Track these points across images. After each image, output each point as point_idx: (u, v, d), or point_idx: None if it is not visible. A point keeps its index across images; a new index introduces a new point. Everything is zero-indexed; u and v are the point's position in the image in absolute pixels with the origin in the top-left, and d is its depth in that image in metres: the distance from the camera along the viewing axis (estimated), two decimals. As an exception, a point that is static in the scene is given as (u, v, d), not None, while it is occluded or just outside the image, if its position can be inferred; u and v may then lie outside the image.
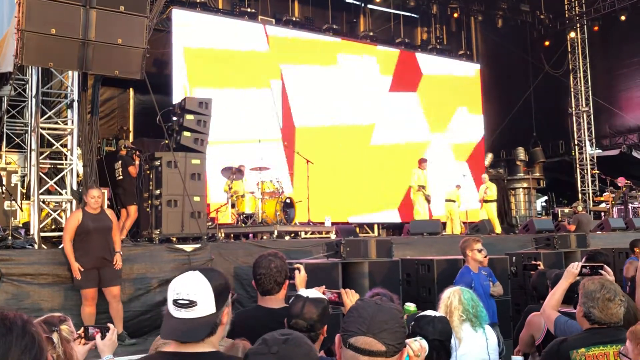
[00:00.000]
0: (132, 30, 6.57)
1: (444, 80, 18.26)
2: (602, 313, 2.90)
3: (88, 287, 6.08)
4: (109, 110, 14.66)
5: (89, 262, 6.07)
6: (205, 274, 1.94)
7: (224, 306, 1.96)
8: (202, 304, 1.89)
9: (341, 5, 18.22)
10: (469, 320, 3.37)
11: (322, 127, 15.64)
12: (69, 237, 6.10)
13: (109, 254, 6.23)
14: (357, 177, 15.74)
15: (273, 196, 10.27)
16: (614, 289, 2.97)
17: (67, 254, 6.08)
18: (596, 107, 19.99)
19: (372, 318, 1.71)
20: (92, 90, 8.16)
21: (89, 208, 6.26)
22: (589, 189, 19.67)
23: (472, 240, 5.86)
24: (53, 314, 2.50)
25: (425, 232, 10.20)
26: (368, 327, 1.69)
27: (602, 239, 10.65)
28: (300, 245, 8.21)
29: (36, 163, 7.31)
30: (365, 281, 6.18)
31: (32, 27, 6.01)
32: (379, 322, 1.71)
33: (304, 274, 3.30)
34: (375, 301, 1.81)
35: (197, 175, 7.80)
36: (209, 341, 1.93)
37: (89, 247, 6.12)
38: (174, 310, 1.90)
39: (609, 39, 19.44)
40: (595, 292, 2.95)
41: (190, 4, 14.85)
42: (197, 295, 1.88)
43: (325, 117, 15.73)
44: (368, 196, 15.81)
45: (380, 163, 16.28)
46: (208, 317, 1.90)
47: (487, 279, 5.81)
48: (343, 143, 15.82)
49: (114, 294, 6.20)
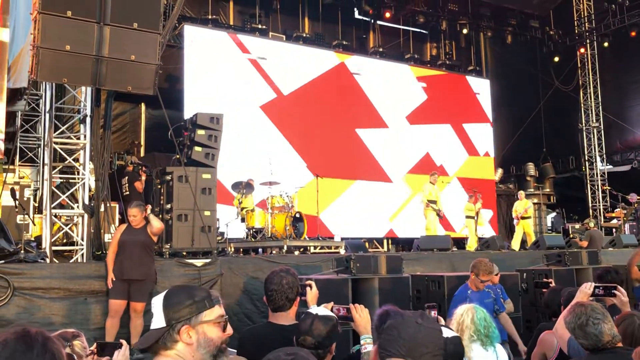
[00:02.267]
0: (145, 47, 6.65)
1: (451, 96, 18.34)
2: (588, 340, 2.89)
3: (114, 297, 6.21)
4: (121, 125, 14.79)
5: (120, 273, 6.26)
6: (172, 289, 2.00)
7: (180, 323, 1.90)
8: (155, 316, 1.94)
9: (351, 22, 18.36)
10: (479, 340, 3.35)
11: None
12: (112, 249, 6.39)
13: (141, 268, 6.35)
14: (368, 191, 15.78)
15: (282, 211, 10.29)
16: (585, 311, 2.95)
17: (107, 263, 6.35)
18: (606, 123, 19.91)
19: (412, 340, 1.64)
20: (105, 106, 8.25)
21: (132, 224, 6.52)
22: (600, 205, 19.53)
23: (494, 268, 5.79)
24: (67, 330, 2.51)
25: (435, 247, 10.15)
26: (408, 351, 1.62)
27: (614, 256, 10.54)
28: (309, 260, 8.20)
29: (49, 177, 7.38)
30: (375, 297, 6.14)
31: (47, 44, 6.10)
32: (420, 345, 1.63)
33: (315, 291, 3.29)
34: (416, 319, 1.74)
35: (208, 189, 7.83)
36: (164, 354, 1.90)
37: (122, 259, 6.32)
38: None
39: (619, 55, 19.41)
40: (571, 323, 2.97)
41: (202, 21, 15.04)
42: (153, 308, 1.94)
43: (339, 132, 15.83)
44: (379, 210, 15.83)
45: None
46: (158, 330, 1.91)
47: (490, 296, 5.76)
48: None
49: (137, 310, 6.28)
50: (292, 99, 15.27)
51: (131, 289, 6.29)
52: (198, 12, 15.36)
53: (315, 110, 15.51)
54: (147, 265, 6.44)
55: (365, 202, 15.68)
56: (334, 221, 14.72)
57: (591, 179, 19.94)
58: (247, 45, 14.90)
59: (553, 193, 19.82)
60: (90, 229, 7.46)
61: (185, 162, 7.84)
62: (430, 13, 18.27)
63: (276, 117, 14.89)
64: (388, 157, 16.55)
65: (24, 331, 1.48)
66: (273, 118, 14.82)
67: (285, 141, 14.88)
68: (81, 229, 7.50)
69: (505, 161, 20.08)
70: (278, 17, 16.75)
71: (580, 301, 3.22)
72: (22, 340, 1.45)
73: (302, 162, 14.80)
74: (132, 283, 6.28)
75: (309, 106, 15.43)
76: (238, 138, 13.50)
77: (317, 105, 15.55)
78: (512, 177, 20.09)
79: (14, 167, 10.19)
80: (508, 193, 19.32)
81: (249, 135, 14.12)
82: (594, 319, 2.90)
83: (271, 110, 14.86)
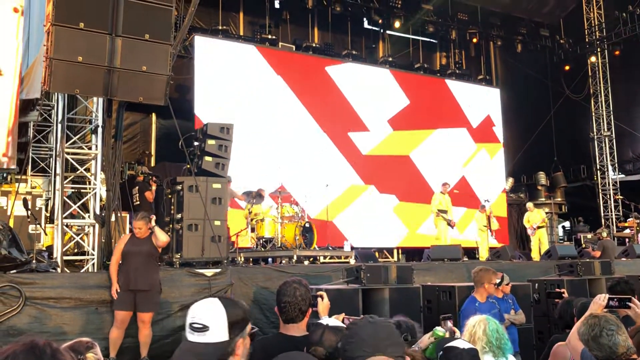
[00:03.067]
0: (156, 58, 6.70)
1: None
2: (603, 352, 2.84)
3: (119, 308, 6.19)
4: (132, 135, 14.88)
5: (125, 284, 6.24)
6: (223, 302, 1.98)
7: (238, 337, 1.96)
8: (215, 329, 1.91)
9: (360, 31, 18.42)
10: (492, 351, 3.32)
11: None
12: (115, 260, 6.38)
13: (146, 278, 6.33)
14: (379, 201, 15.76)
15: (292, 220, 10.29)
16: (599, 322, 2.90)
17: (111, 274, 6.32)
18: (618, 132, 19.76)
19: (374, 337, 1.75)
20: (116, 116, 8.31)
21: (137, 234, 6.49)
22: (612, 214, 19.35)
23: (492, 274, 5.77)
24: (81, 339, 2.49)
25: (446, 257, 10.10)
26: (374, 347, 1.71)
27: (627, 266, 10.44)
28: (319, 270, 8.18)
29: (60, 187, 7.43)
30: (385, 308, 6.11)
31: (59, 55, 6.17)
32: (383, 338, 1.75)
33: (326, 302, 3.28)
34: (367, 319, 1.85)
35: (218, 199, 7.85)
36: None
37: (127, 269, 6.30)
38: (189, 333, 1.94)
39: (630, 63, 19.29)
40: (585, 334, 2.92)
41: (212, 31, 15.14)
42: (211, 321, 1.91)
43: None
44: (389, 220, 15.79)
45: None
46: (220, 344, 1.91)
47: (495, 307, 5.72)
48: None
49: (144, 320, 6.27)
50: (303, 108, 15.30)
51: (137, 300, 6.26)
52: (208, 23, 15.48)
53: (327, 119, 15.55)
54: (152, 275, 6.41)
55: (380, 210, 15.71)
56: (345, 229, 14.73)
57: (603, 188, 19.79)
58: (258, 56, 14.98)
59: (564, 202, 19.67)
60: (102, 239, 7.50)
61: (195, 172, 7.88)
62: (439, 22, 18.28)
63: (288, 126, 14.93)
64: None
65: (33, 343, 1.48)
66: (284, 126, 14.85)
67: (297, 150, 14.89)
68: (92, 238, 7.54)
69: (516, 170, 19.98)
70: (288, 28, 16.84)
71: (594, 312, 3.18)
72: (31, 352, 1.46)
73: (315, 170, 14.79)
74: (137, 293, 6.26)
75: (322, 115, 15.46)
76: (248, 147, 13.57)
77: (329, 115, 15.58)
78: (523, 187, 19.97)
79: (26, 177, 10.27)
80: (519, 202, 19.20)
81: (259, 145, 14.17)
82: (608, 330, 2.86)
83: (283, 119, 14.90)
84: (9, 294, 5.92)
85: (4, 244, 6.32)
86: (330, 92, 15.81)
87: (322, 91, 15.71)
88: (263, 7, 16.52)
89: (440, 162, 17.21)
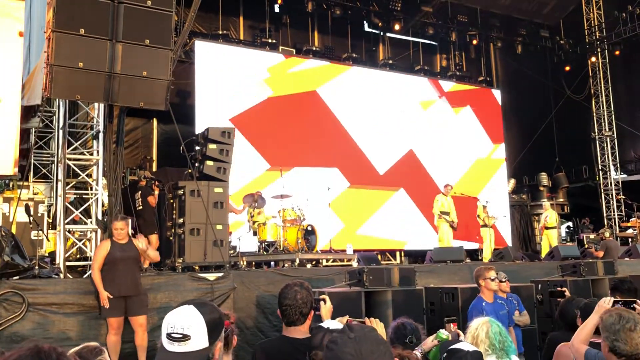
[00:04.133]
0: (156, 63, 6.72)
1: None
2: (627, 345, 2.81)
3: (114, 315, 6.16)
4: (133, 140, 14.90)
5: (116, 290, 6.17)
6: (199, 308, 1.95)
7: (216, 340, 1.96)
8: (196, 338, 1.89)
9: (360, 34, 18.43)
10: (495, 354, 3.31)
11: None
12: (98, 266, 6.23)
13: (135, 283, 6.33)
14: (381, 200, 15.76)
15: (294, 224, 10.29)
16: (634, 318, 2.89)
17: (96, 282, 6.19)
18: (620, 132, 19.74)
19: (358, 354, 1.66)
20: (117, 121, 8.33)
21: (116, 238, 6.38)
22: (614, 214, 19.32)
23: (484, 269, 5.77)
24: (88, 344, 2.48)
25: (449, 259, 10.08)
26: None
27: (630, 266, 10.41)
28: (322, 273, 8.18)
29: (62, 193, 7.45)
30: (388, 310, 6.10)
31: (60, 62, 6.18)
32: (368, 355, 1.66)
33: (329, 305, 3.28)
34: (347, 335, 1.74)
35: (220, 203, 7.86)
36: None
37: (115, 276, 6.22)
38: (168, 343, 1.91)
39: (630, 63, 19.27)
40: (615, 324, 2.88)
41: (213, 36, 15.17)
42: (191, 329, 1.89)
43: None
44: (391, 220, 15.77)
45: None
46: (201, 351, 1.90)
47: (504, 308, 5.70)
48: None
49: (140, 323, 6.27)
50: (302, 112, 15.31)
51: (128, 304, 6.25)
52: (209, 28, 15.51)
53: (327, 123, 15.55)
54: (139, 279, 6.44)
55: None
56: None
57: (605, 189, 19.74)
58: (257, 60, 15.01)
59: (567, 203, 19.64)
60: (104, 244, 7.49)
61: (197, 177, 7.88)
62: (439, 24, 18.29)
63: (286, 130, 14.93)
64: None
65: (37, 348, 1.49)
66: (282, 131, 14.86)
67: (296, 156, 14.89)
68: (94, 244, 7.55)
69: (518, 171, 19.95)
70: (288, 32, 16.87)
71: (618, 308, 3.15)
72: (37, 357, 1.46)
73: (315, 174, 14.78)
74: (128, 299, 6.25)
75: (321, 119, 15.47)
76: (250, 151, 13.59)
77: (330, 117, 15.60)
78: (525, 188, 19.94)
79: (28, 184, 10.29)
80: (521, 203, 19.17)
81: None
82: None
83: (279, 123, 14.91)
84: (12, 300, 5.94)
85: (7, 251, 6.33)
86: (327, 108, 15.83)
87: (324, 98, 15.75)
88: (263, 11, 16.54)
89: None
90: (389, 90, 16.80)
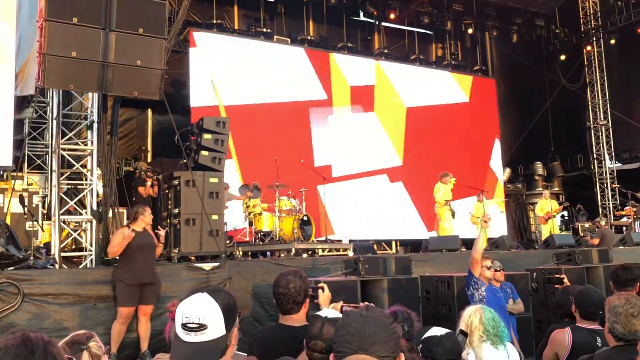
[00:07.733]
0: (150, 52, 6.67)
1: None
2: (625, 329, 2.83)
3: (126, 305, 6.19)
4: (128, 131, 14.83)
5: (137, 278, 6.22)
6: (213, 295, 1.88)
7: (233, 327, 1.90)
8: (213, 327, 1.83)
9: (355, 24, 18.36)
10: (489, 340, 3.33)
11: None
12: (118, 250, 6.25)
13: (153, 271, 6.42)
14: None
15: (290, 214, 10.29)
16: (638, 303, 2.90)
17: (118, 245, 6.21)
18: (615, 121, 19.78)
19: (360, 333, 1.65)
20: (112, 111, 8.28)
21: (135, 226, 6.40)
22: (609, 203, 19.40)
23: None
24: (78, 332, 2.48)
25: (445, 248, 10.10)
26: (359, 345, 1.63)
27: (624, 254, 10.47)
28: (318, 262, 8.18)
29: (57, 184, 7.41)
30: (384, 299, 6.12)
31: (53, 51, 6.13)
32: (369, 335, 1.65)
33: (327, 293, 3.28)
34: (361, 313, 1.75)
35: (215, 193, 7.84)
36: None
37: (135, 263, 6.27)
38: (184, 334, 1.83)
39: (626, 52, 19.27)
40: (619, 307, 2.89)
41: (207, 25, 15.08)
42: (207, 318, 1.82)
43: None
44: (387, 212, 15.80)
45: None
46: (218, 339, 1.84)
47: (499, 293, 5.73)
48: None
49: (146, 312, 6.31)
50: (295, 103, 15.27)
51: (143, 293, 6.29)
52: (203, 17, 15.42)
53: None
54: (155, 267, 6.54)
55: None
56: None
57: (600, 177, 19.81)
58: (252, 49, 14.93)
59: (562, 192, 19.71)
60: (99, 235, 7.49)
61: (192, 167, 7.86)
62: (434, 13, 18.22)
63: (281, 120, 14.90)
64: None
65: (24, 336, 1.48)
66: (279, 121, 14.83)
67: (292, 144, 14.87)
68: (90, 234, 7.52)
69: (513, 161, 19.99)
70: (283, 21, 16.78)
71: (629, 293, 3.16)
72: (24, 345, 1.46)
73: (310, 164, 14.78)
74: (143, 287, 6.29)
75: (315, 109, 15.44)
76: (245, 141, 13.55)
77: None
78: (520, 177, 19.99)
79: (23, 174, 10.23)
80: (516, 193, 19.22)
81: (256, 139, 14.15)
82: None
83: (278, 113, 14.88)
84: (7, 290, 5.92)
85: (1, 241, 6.32)
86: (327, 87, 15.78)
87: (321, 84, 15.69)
88: (257, 0, 16.46)
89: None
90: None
